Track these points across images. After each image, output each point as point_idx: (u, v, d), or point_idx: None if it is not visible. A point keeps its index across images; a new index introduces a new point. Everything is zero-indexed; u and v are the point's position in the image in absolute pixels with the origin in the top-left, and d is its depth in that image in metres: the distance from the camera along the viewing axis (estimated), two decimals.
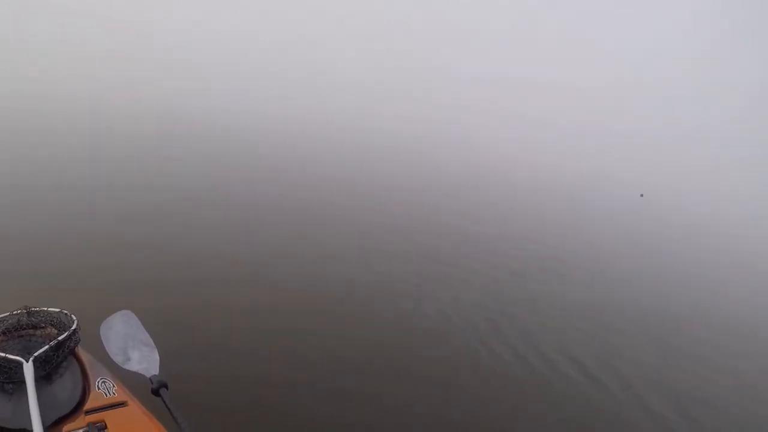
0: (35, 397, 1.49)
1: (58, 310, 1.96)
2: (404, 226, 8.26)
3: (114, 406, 1.63)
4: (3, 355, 1.63)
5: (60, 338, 1.79)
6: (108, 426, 1.51)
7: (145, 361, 1.90)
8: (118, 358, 1.89)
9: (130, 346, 1.98)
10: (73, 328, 1.88)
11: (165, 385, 1.72)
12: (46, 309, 1.95)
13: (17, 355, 1.65)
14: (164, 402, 1.64)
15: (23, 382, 1.58)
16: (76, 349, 1.88)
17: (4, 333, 1.80)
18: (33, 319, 1.90)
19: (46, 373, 1.70)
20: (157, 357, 1.93)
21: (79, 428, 1.48)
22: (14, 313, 1.89)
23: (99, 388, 1.72)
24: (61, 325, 1.91)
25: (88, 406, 1.62)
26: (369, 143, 18.10)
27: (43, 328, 1.89)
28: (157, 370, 1.84)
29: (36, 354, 1.68)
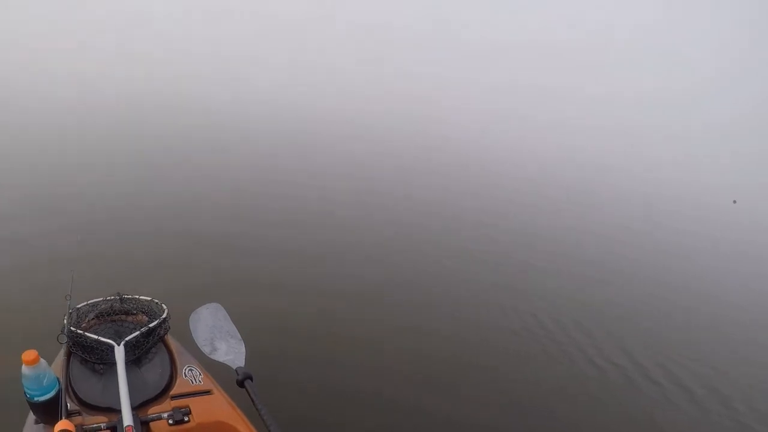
0: (125, 379, 1.46)
1: (149, 298, 1.98)
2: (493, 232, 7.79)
3: (199, 393, 1.60)
4: (96, 337, 1.64)
5: (151, 325, 1.80)
6: (192, 411, 1.47)
7: (231, 352, 1.85)
8: (205, 348, 1.85)
9: (218, 337, 1.93)
10: (163, 316, 1.88)
11: (250, 377, 1.63)
12: (138, 297, 1.98)
13: (109, 338, 1.65)
14: (248, 393, 1.54)
15: (114, 364, 1.58)
16: (165, 336, 1.86)
17: (97, 317, 1.84)
18: (125, 305, 1.93)
19: (135, 357, 1.70)
20: (244, 349, 1.87)
21: (165, 411, 1.44)
22: (108, 298, 1.93)
23: (185, 376, 1.69)
24: (151, 312, 1.92)
25: (174, 391, 1.59)
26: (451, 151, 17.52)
27: (134, 314, 1.91)
28: (243, 363, 1.78)
29: (127, 339, 1.68)
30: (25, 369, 1.25)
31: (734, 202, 20.75)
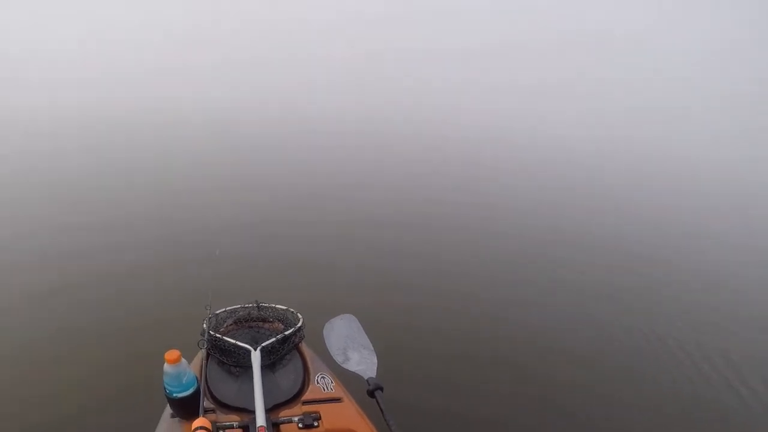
0: (260, 382, 1.49)
1: (285, 307, 2.02)
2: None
3: (330, 400, 1.58)
4: (233, 342, 1.70)
5: (286, 333, 1.82)
6: (322, 417, 1.46)
7: (363, 363, 1.80)
8: (338, 358, 1.83)
9: (351, 347, 1.89)
10: (298, 325, 1.89)
11: (381, 388, 1.58)
12: (274, 305, 2.04)
13: (246, 343, 1.70)
14: (378, 404, 1.50)
15: (249, 367, 1.62)
16: (299, 344, 1.88)
17: (235, 323, 1.93)
18: (262, 313, 2.00)
19: (270, 362, 1.73)
20: (376, 361, 1.82)
21: (296, 416, 1.45)
22: (246, 306, 2.02)
23: (317, 383, 1.67)
24: (287, 321, 1.95)
25: (305, 397, 1.58)
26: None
27: (270, 322, 1.96)
28: (375, 373, 1.72)
29: (264, 344, 1.71)
30: (166, 367, 1.32)
31: None
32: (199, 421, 1.22)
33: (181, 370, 1.35)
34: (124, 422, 2.36)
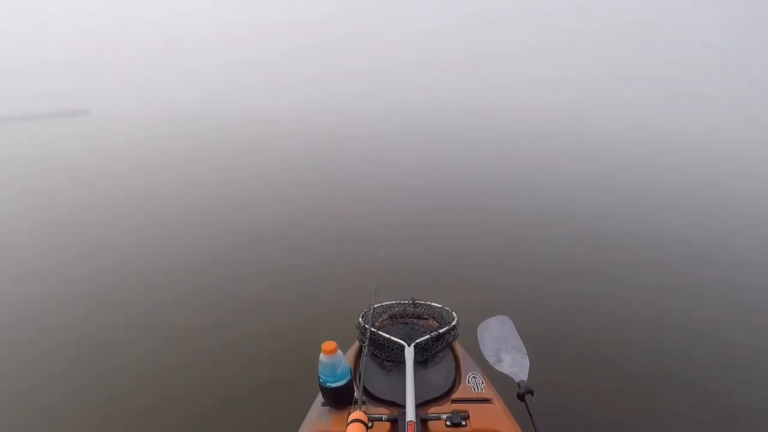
0: (412, 377, 1.54)
1: (440, 305, 2.05)
2: None
3: (479, 400, 1.55)
4: (388, 336, 1.80)
5: (440, 331, 1.85)
6: (470, 417, 1.44)
7: (515, 365, 1.73)
8: (490, 359, 1.79)
9: (504, 349, 1.83)
10: (453, 323, 1.91)
11: (531, 392, 1.51)
12: (430, 303, 2.08)
13: (400, 338, 1.78)
14: (527, 408, 1.44)
15: (402, 363, 1.69)
16: (453, 343, 1.88)
17: (390, 318, 2.02)
18: (417, 310, 2.06)
19: (423, 359, 1.76)
20: (528, 364, 1.74)
21: (444, 413, 1.45)
22: (402, 302, 2.10)
23: (468, 382, 1.65)
24: (441, 319, 1.97)
25: (455, 395, 1.58)
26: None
27: (425, 319, 2.01)
28: (526, 377, 1.65)
29: (418, 341, 1.77)
30: (322, 357, 1.44)
31: None
32: (356, 414, 1.29)
33: (336, 360, 1.47)
34: (285, 408, 2.64)
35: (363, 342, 1.82)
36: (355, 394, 1.51)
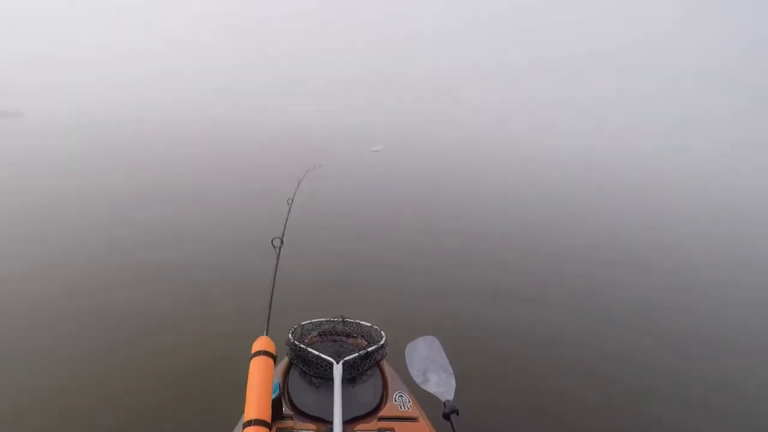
0: (340, 394, 1.53)
1: (369, 324, 2.06)
2: None
3: (406, 419, 1.58)
4: (317, 353, 1.78)
5: (369, 349, 1.86)
6: None
7: (442, 385, 1.77)
8: (417, 378, 1.82)
9: (431, 369, 1.87)
10: (381, 342, 1.93)
11: (456, 411, 1.54)
12: (359, 321, 2.09)
13: (329, 356, 1.76)
14: (452, 427, 1.47)
15: (330, 380, 1.69)
16: (381, 361, 1.89)
17: (320, 335, 2.01)
18: (347, 328, 2.06)
19: (351, 377, 1.77)
20: (454, 384, 1.78)
21: (371, 430, 1.47)
22: (331, 319, 2.10)
23: (395, 401, 1.68)
24: (370, 337, 1.99)
25: (382, 413, 1.60)
26: None
27: (354, 337, 2.01)
28: (452, 396, 1.68)
29: (346, 358, 1.77)
30: None
31: None
32: (280, 425, 1.30)
33: None
34: (204, 421, 2.60)
35: (292, 358, 1.79)
36: (284, 409, 1.47)
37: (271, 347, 1.40)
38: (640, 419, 3.01)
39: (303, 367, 1.78)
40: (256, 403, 1.24)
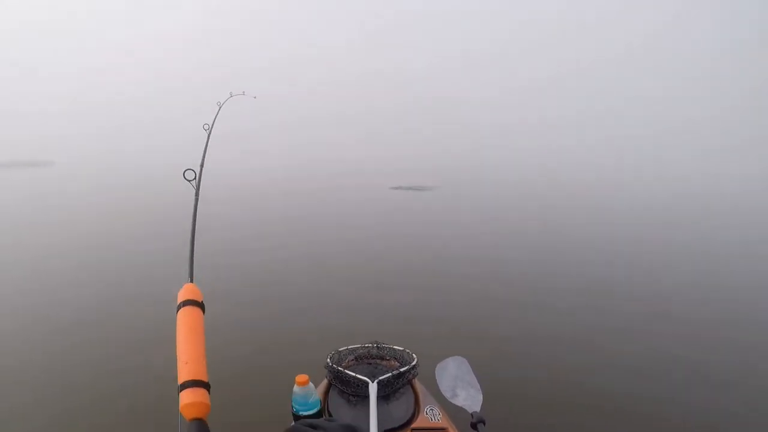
0: (375, 410, 1.68)
1: (402, 348, 2.22)
2: None
3: (436, 429, 1.71)
4: (353, 374, 1.95)
5: (401, 370, 2.01)
6: None
7: (469, 399, 1.92)
8: (447, 394, 1.97)
9: (459, 385, 2.02)
10: (413, 363, 2.08)
11: (483, 421, 1.68)
12: (392, 346, 2.25)
13: (365, 376, 1.93)
14: None
15: (366, 397, 1.84)
16: (413, 380, 2.03)
17: (356, 359, 2.18)
18: (381, 351, 2.22)
19: (385, 395, 1.91)
20: (481, 398, 1.92)
21: None
22: (366, 345, 2.27)
23: (426, 414, 1.81)
24: (402, 360, 2.14)
25: (414, 425, 1.73)
26: None
27: (387, 360, 2.17)
28: (479, 408, 1.82)
29: (380, 378, 1.93)
30: (296, 388, 1.60)
31: None
32: None
33: (308, 392, 1.62)
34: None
35: (331, 379, 1.97)
36: None
37: (197, 295, 1.24)
38: None
39: (341, 387, 1.95)
40: (189, 361, 1.04)
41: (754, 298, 5.82)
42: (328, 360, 2.08)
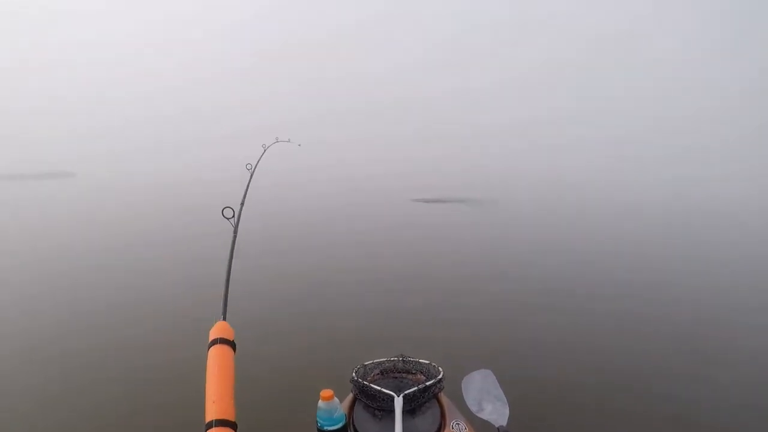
0: (401, 424, 1.69)
1: (428, 361, 2.21)
2: None
3: None
4: (379, 388, 1.96)
5: (427, 383, 2.00)
6: None
7: (495, 413, 1.91)
8: (473, 407, 1.96)
9: (486, 399, 2.00)
10: (439, 377, 2.06)
11: None
12: (418, 359, 2.24)
13: (390, 390, 1.94)
14: None
15: (391, 411, 1.83)
16: (438, 394, 2.02)
17: (381, 373, 2.17)
18: (406, 365, 2.21)
19: (410, 409, 1.90)
20: (507, 412, 1.90)
21: None
22: (391, 359, 2.26)
23: (452, 428, 1.78)
24: (428, 373, 2.13)
25: None
26: None
27: (413, 374, 2.16)
28: (506, 422, 1.81)
29: (406, 392, 1.93)
30: (321, 403, 1.63)
31: None
32: None
33: (333, 407, 1.65)
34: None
35: (356, 393, 1.99)
36: None
37: (229, 333, 1.27)
38: None
39: (366, 401, 1.94)
40: (217, 399, 1.06)
41: None
42: (354, 374, 2.10)
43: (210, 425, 0.99)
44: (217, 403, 1.04)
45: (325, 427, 1.65)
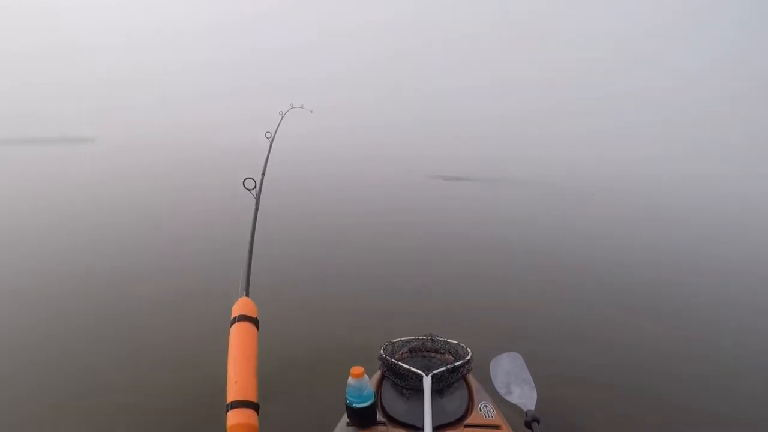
0: (430, 404, 1.70)
1: (456, 342, 2.21)
2: None
3: (490, 426, 1.68)
4: (407, 367, 1.96)
5: (456, 364, 2.00)
6: None
7: (524, 396, 1.91)
8: (501, 390, 1.96)
9: (514, 382, 2.00)
10: (467, 358, 2.06)
11: (537, 420, 1.67)
12: (447, 339, 2.24)
13: (419, 369, 1.94)
14: None
15: (419, 390, 1.85)
16: (467, 375, 2.02)
17: (410, 351, 2.18)
18: (435, 344, 2.22)
19: (439, 389, 1.91)
20: (535, 396, 1.90)
21: None
22: (420, 337, 2.27)
23: (480, 410, 1.79)
24: (456, 353, 2.13)
25: (468, 421, 1.71)
26: None
27: (442, 353, 2.16)
28: (533, 407, 1.81)
29: (435, 372, 1.93)
30: (350, 380, 1.62)
31: None
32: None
33: (362, 384, 1.64)
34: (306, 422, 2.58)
35: (384, 371, 1.99)
36: (378, 416, 1.67)
37: (252, 310, 1.24)
38: None
39: (394, 380, 1.96)
40: (239, 379, 1.04)
41: None
42: (382, 351, 2.10)
43: (232, 406, 0.97)
44: (238, 383, 1.02)
45: (354, 405, 1.66)
